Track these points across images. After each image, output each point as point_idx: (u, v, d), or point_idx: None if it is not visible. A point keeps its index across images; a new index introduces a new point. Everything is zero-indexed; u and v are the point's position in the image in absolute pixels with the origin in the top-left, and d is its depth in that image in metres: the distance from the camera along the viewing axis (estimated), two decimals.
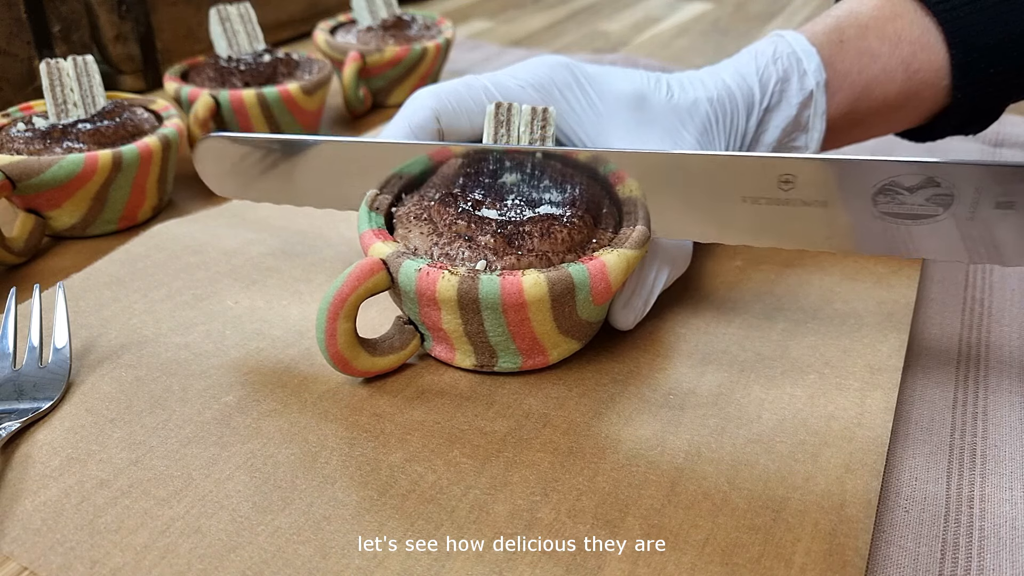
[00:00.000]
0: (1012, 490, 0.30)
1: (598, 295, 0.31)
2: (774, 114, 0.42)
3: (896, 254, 0.31)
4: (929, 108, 0.43)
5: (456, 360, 0.33)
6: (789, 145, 0.43)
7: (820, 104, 0.42)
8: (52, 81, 0.45)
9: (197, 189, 0.52)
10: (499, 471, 0.29)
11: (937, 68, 0.41)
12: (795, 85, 0.41)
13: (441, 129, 0.38)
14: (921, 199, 0.29)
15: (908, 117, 0.44)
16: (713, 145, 0.40)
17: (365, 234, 0.33)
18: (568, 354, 0.34)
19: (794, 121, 0.42)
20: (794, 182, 0.30)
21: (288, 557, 0.25)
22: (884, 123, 0.44)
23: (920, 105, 0.43)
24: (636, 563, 0.25)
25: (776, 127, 0.42)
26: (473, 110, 0.38)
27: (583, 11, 1.03)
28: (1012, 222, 0.29)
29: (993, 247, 0.30)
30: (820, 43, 0.42)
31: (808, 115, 0.42)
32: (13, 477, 0.28)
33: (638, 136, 0.38)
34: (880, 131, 0.46)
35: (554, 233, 0.32)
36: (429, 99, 0.38)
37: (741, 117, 0.41)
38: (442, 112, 0.37)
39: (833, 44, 0.42)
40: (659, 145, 0.38)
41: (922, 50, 0.41)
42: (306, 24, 0.84)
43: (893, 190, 0.29)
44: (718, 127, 0.40)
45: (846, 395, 0.32)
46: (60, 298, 0.35)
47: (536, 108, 0.35)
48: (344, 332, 0.31)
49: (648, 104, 0.39)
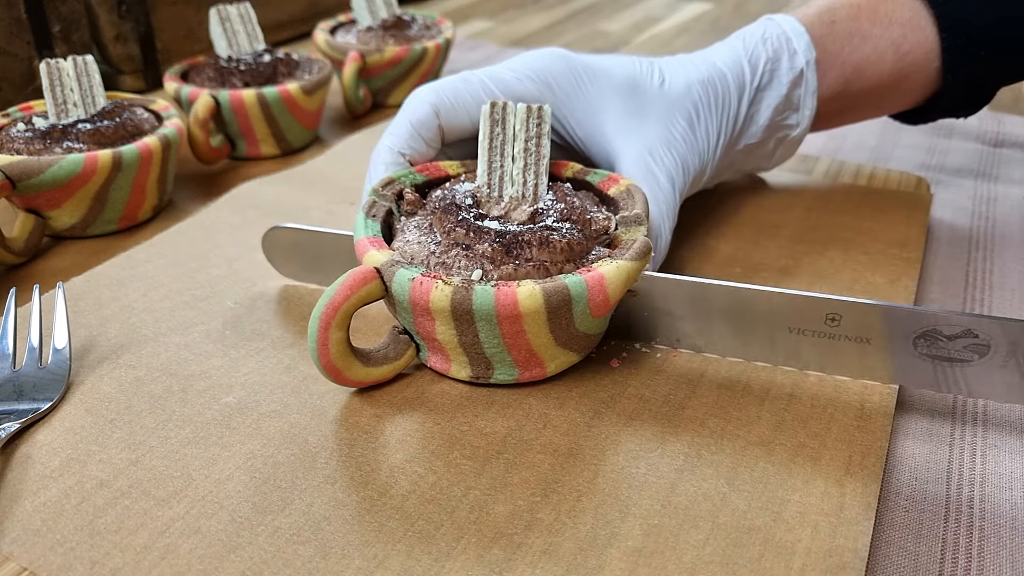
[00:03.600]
0: (1012, 490, 0.30)
1: (596, 307, 0.30)
2: (765, 93, 0.42)
3: (933, 389, 0.32)
4: (920, 90, 0.44)
5: (452, 371, 0.33)
6: (780, 124, 0.43)
7: (811, 83, 0.42)
8: (52, 81, 0.45)
9: (197, 189, 0.52)
10: (499, 472, 0.29)
11: (927, 50, 0.42)
12: (785, 64, 0.42)
13: (442, 125, 0.38)
14: (959, 346, 0.30)
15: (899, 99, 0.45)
16: (705, 128, 0.40)
17: (360, 242, 0.32)
18: (566, 366, 0.33)
19: (785, 100, 0.42)
20: (839, 321, 0.31)
21: (288, 557, 0.25)
22: (876, 105, 0.45)
23: (911, 87, 0.43)
24: (636, 563, 0.25)
25: (768, 107, 0.42)
26: (471, 105, 0.38)
27: (583, 11, 1.03)
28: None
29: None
30: (811, 23, 0.43)
31: (799, 94, 0.42)
32: (13, 477, 0.28)
33: (632, 125, 0.39)
34: (872, 114, 0.46)
35: (553, 243, 0.31)
36: (429, 95, 0.38)
37: (733, 98, 0.41)
38: (441, 108, 0.38)
39: (825, 24, 0.43)
40: (652, 132, 0.38)
41: (912, 32, 0.42)
42: (306, 24, 0.84)
43: (933, 336, 0.30)
44: (710, 109, 0.41)
45: (846, 396, 0.32)
46: (60, 298, 0.35)
47: (531, 106, 0.35)
48: (336, 342, 0.30)
49: (640, 91, 0.39)
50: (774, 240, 0.44)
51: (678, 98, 0.40)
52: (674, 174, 0.38)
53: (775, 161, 0.47)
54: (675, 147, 0.39)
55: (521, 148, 0.35)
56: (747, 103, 0.42)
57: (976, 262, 0.44)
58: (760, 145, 0.44)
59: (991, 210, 0.50)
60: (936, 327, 0.30)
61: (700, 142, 0.40)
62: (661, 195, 0.37)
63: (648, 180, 0.37)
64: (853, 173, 0.53)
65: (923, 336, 0.30)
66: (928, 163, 0.58)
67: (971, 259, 0.45)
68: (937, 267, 0.44)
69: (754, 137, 0.43)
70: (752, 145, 0.44)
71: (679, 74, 0.41)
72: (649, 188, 0.37)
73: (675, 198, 0.38)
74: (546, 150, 0.35)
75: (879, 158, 0.58)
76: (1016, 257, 0.45)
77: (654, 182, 0.37)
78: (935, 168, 0.57)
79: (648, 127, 0.38)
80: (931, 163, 0.58)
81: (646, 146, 0.38)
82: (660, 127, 0.39)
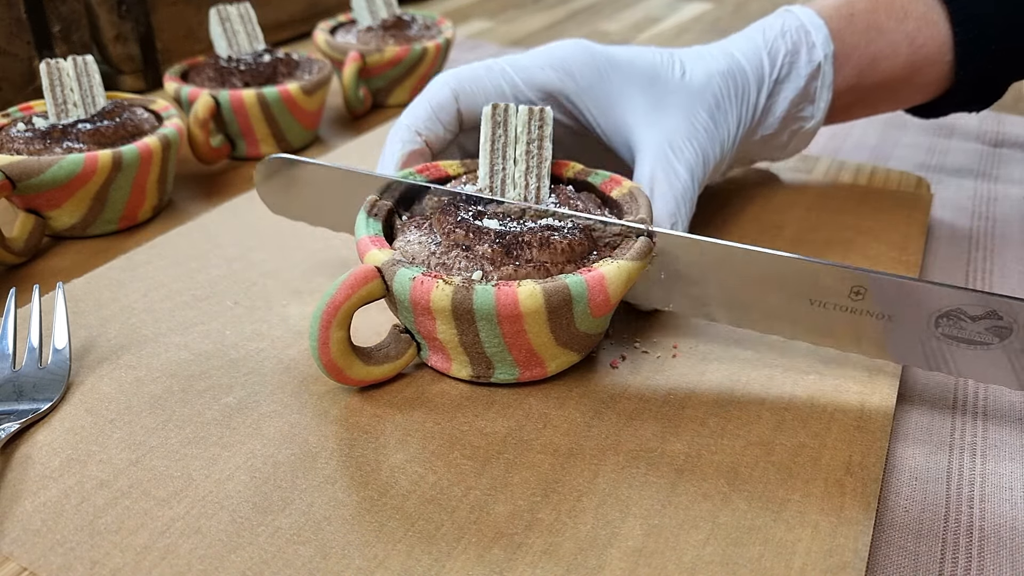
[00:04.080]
0: (1012, 490, 0.30)
1: (596, 307, 0.30)
2: (783, 85, 0.42)
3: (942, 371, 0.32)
4: (933, 84, 0.44)
5: (452, 370, 0.33)
6: (796, 116, 0.43)
7: (828, 76, 0.42)
8: (52, 81, 0.45)
9: (197, 189, 0.52)
10: (499, 472, 0.29)
11: (940, 44, 0.42)
12: (804, 57, 0.42)
13: (461, 110, 0.39)
14: (981, 328, 0.30)
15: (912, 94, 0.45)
16: (726, 119, 0.40)
17: (362, 241, 0.32)
18: (567, 366, 0.33)
19: (802, 92, 0.42)
20: (864, 295, 0.31)
21: (288, 557, 0.25)
22: (888, 99, 0.45)
23: (924, 80, 0.44)
24: (636, 563, 0.25)
25: (785, 99, 0.42)
26: (491, 92, 0.39)
27: (583, 11, 1.03)
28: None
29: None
30: (829, 16, 0.43)
31: (816, 86, 0.42)
32: (13, 478, 0.28)
33: (654, 117, 0.39)
34: (885, 108, 0.47)
35: (553, 244, 0.31)
36: (450, 80, 0.39)
37: (752, 90, 0.41)
38: (461, 93, 0.38)
39: (843, 18, 0.43)
40: (673, 124, 0.38)
41: (926, 26, 0.42)
42: (306, 24, 0.84)
43: (957, 315, 0.30)
44: (730, 101, 0.41)
45: (846, 396, 0.32)
46: (60, 298, 0.35)
47: (533, 108, 0.35)
48: (337, 341, 0.30)
49: (661, 82, 0.39)
50: (775, 240, 0.44)
51: (699, 90, 0.40)
52: (694, 166, 0.38)
53: (788, 152, 0.47)
54: (696, 139, 0.39)
55: (523, 151, 0.35)
56: (765, 95, 0.42)
57: (976, 262, 0.45)
58: (775, 136, 0.45)
59: (991, 210, 0.50)
60: (961, 306, 0.30)
61: (720, 133, 0.40)
62: (680, 188, 0.37)
63: (668, 173, 0.37)
64: (853, 173, 0.53)
65: (946, 315, 0.30)
66: (928, 163, 0.58)
67: (971, 259, 0.45)
68: (937, 267, 0.44)
69: (770, 128, 0.44)
70: (767, 136, 0.44)
71: (699, 66, 0.41)
72: (669, 181, 0.37)
73: (694, 190, 0.38)
74: (548, 153, 0.35)
75: (879, 158, 0.58)
76: (1016, 257, 0.45)
77: (674, 175, 0.37)
78: (935, 168, 0.57)
79: (669, 119, 0.38)
80: (931, 163, 0.58)
81: (667, 139, 0.38)
82: (681, 119, 0.39)
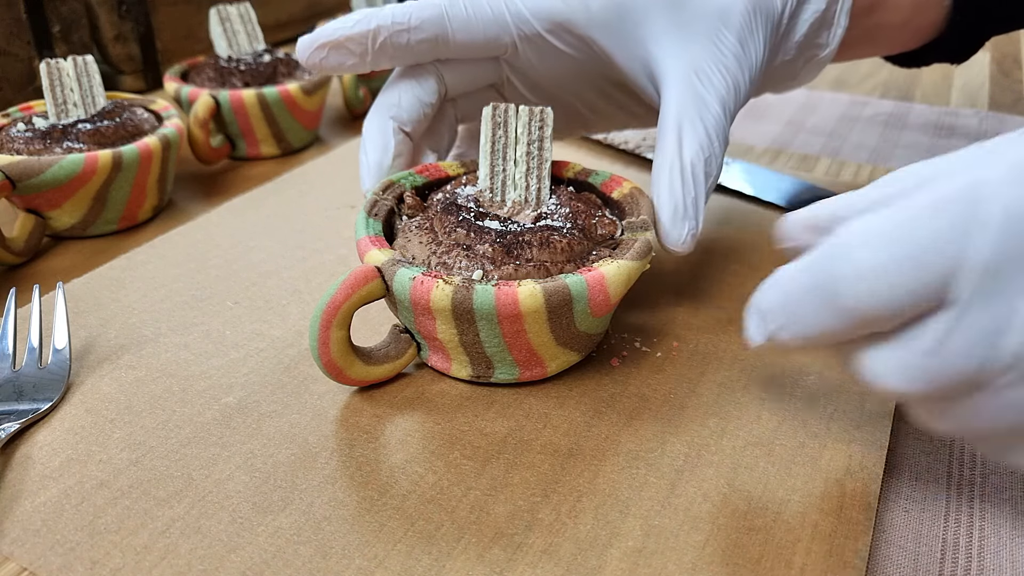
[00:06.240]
0: (1012, 490, 0.30)
1: (597, 307, 0.30)
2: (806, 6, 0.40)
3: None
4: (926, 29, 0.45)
5: (452, 370, 0.33)
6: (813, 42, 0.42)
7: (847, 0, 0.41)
8: (52, 81, 0.45)
9: (197, 189, 0.52)
10: (499, 472, 0.29)
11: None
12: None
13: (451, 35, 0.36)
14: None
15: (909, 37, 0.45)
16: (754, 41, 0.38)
17: (361, 241, 0.32)
18: (567, 366, 0.33)
19: (822, 16, 0.41)
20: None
21: (288, 557, 0.25)
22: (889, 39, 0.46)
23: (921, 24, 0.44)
24: (636, 563, 0.25)
25: (805, 21, 0.41)
26: (490, 18, 0.35)
27: None
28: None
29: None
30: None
31: (836, 9, 0.41)
32: (13, 478, 0.28)
33: (678, 44, 0.36)
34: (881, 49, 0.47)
35: (553, 243, 0.31)
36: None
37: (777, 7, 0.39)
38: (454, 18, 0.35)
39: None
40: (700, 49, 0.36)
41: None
42: (306, 24, 0.84)
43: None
44: (757, 20, 0.38)
45: (845, 396, 0.32)
46: (60, 299, 0.35)
47: (533, 109, 0.35)
48: (337, 340, 0.30)
49: (684, 3, 0.37)
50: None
51: (726, 9, 0.37)
52: (725, 96, 0.36)
53: (798, 81, 0.45)
54: (726, 65, 0.36)
55: (523, 152, 0.35)
56: (788, 14, 0.40)
57: None
58: (790, 63, 0.43)
59: None
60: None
61: (749, 59, 0.38)
62: (712, 120, 0.35)
63: (698, 104, 0.35)
64: (853, 173, 0.53)
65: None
66: None
67: None
68: None
69: (788, 53, 0.42)
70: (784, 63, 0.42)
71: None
72: (699, 113, 0.35)
73: (726, 124, 0.36)
74: (548, 153, 0.35)
75: (879, 158, 0.58)
76: None
77: (704, 107, 0.35)
78: None
79: (695, 44, 0.36)
80: None
81: (693, 66, 0.36)
82: (708, 43, 0.36)
